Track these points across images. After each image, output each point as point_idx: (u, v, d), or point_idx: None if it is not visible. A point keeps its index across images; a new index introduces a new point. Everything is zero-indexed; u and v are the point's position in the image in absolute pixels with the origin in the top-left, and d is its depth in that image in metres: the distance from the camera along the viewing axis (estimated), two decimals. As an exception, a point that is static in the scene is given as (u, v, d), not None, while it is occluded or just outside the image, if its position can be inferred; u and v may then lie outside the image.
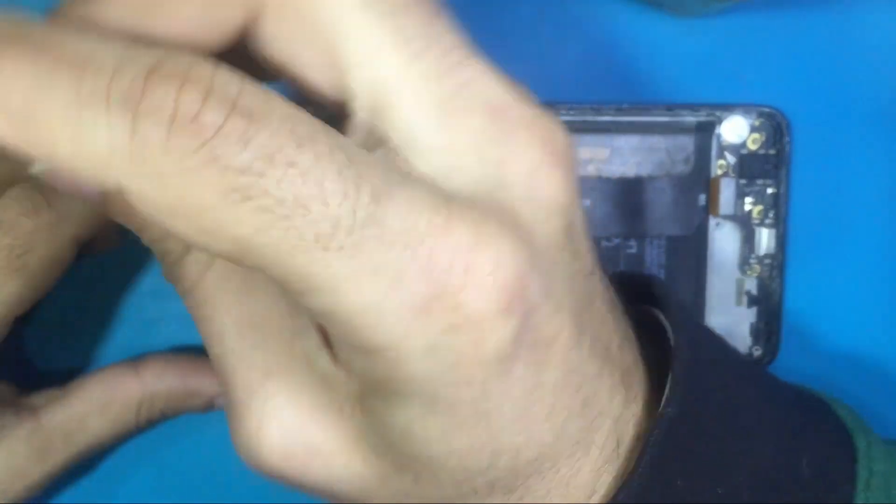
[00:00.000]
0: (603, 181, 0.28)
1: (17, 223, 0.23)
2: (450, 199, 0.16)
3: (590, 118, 0.27)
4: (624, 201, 0.28)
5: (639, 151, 0.28)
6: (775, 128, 0.28)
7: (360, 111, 0.17)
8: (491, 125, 0.17)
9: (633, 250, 0.28)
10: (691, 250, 0.28)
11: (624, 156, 0.28)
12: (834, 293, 0.29)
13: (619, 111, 0.27)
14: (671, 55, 0.28)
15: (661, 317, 0.21)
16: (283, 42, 0.18)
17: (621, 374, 0.19)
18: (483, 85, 0.17)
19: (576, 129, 0.27)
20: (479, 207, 0.16)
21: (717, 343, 0.21)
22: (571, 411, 0.18)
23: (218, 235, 0.15)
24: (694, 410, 0.19)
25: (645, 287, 0.22)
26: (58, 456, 0.25)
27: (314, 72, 0.18)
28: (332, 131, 0.16)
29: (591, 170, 0.28)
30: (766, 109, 0.28)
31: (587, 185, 0.28)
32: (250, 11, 0.17)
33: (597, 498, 0.19)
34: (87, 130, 0.15)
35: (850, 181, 0.28)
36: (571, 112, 0.27)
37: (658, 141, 0.28)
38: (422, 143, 0.17)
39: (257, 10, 0.17)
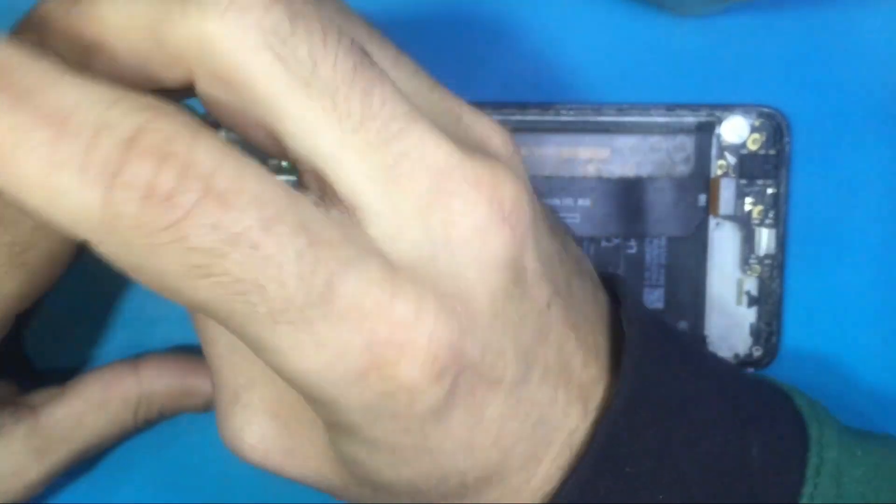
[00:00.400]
0: (603, 181, 0.28)
1: (18, 220, 0.22)
2: (395, 273, 0.17)
3: (590, 118, 0.27)
4: (624, 201, 0.28)
5: (639, 151, 0.28)
6: (775, 128, 0.28)
7: (307, 174, 0.17)
8: (435, 189, 0.17)
9: (633, 250, 0.28)
10: (691, 250, 0.28)
11: (624, 156, 0.28)
12: (834, 293, 0.29)
13: (619, 111, 0.27)
14: (671, 55, 0.28)
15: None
16: (219, 106, 0.17)
17: (579, 390, 0.20)
18: (423, 151, 0.17)
19: (576, 129, 0.28)
20: (421, 279, 0.17)
21: (670, 337, 0.22)
22: (520, 435, 0.19)
23: (178, 296, 0.16)
24: (642, 402, 0.20)
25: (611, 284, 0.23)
26: (57, 454, 0.25)
27: (256, 137, 0.18)
28: (301, 203, 0.16)
29: (591, 170, 0.28)
30: (766, 109, 0.28)
31: (587, 185, 0.28)
32: (183, 72, 0.17)
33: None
34: (61, 191, 0.15)
35: (850, 181, 0.28)
36: (571, 112, 0.27)
37: (658, 141, 0.28)
38: (368, 210, 0.17)
39: (189, 72, 0.17)
